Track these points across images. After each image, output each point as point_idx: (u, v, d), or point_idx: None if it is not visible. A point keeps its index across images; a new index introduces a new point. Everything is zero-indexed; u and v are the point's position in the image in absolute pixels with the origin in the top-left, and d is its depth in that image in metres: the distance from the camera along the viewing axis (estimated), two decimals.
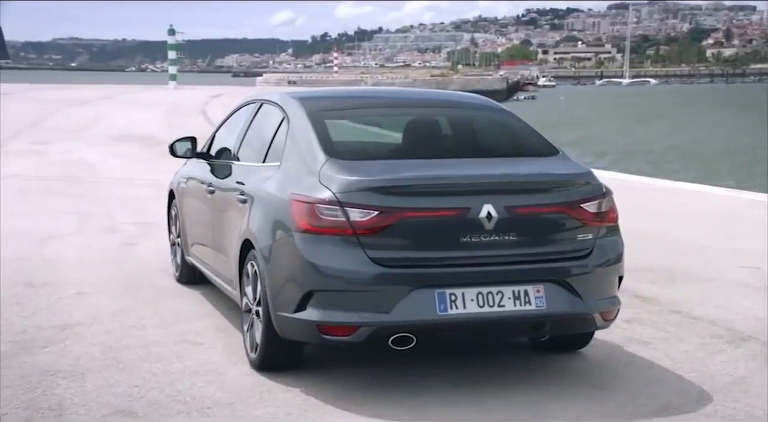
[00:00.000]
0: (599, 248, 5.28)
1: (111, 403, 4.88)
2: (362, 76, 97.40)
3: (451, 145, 5.85)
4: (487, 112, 6.22)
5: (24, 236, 9.58)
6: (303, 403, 4.97)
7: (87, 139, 22.32)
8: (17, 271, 7.93)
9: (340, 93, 6.81)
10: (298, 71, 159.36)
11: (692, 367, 5.64)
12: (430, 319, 4.89)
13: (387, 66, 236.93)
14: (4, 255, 8.59)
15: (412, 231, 4.94)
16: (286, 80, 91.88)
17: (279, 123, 5.90)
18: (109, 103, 39.13)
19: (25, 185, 13.93)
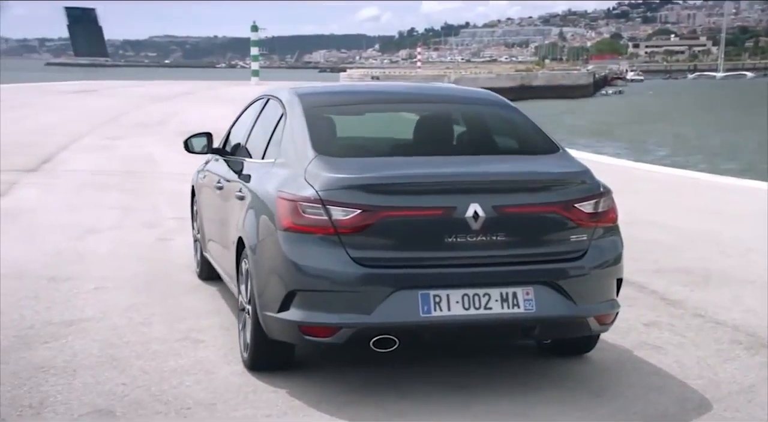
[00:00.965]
0: (595, 249, 5.07)
1: (93, 402, 4.86)
2: (445, 72, 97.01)
3: (447, 142, 5.70)
4: (490, 108, 6.05)
5: (65, 231, 9.70)
6: (285, 405, 4.88)
7: (159, 134, 22.63)
8: (47, 265, 8.02)
9: (344, 89, 6.70)
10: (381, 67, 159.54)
11: (700, 374, 5.40)
12: (413, 321, 4.75)
13: (473, 61, 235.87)
14: (40, 249, 8.71)
15: (395, 231, 4.80)
16: (369, 75, 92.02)
17: (279, 119, 5.83)
18: (190, 100, 39.71)
19: (85, 179, 14.16)
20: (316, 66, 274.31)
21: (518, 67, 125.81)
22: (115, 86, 52.58)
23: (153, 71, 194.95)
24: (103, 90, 46.78)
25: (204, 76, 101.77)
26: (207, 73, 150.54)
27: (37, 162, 16.17)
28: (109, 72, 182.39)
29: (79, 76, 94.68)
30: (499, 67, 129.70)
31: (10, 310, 6.58)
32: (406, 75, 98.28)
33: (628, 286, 7.42)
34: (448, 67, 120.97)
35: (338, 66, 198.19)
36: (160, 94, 42.81)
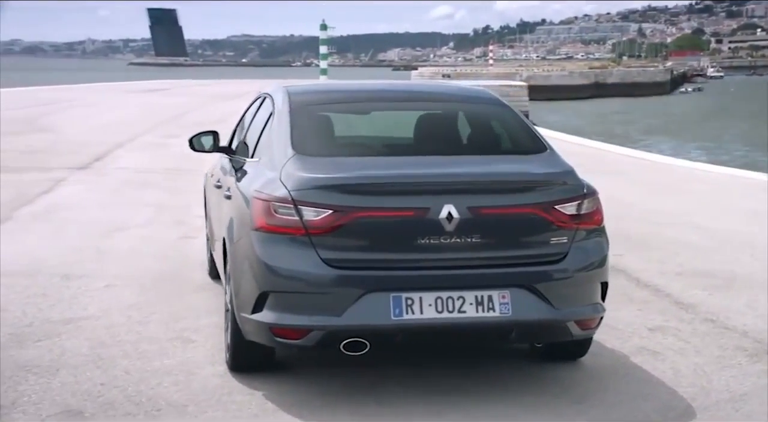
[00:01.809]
0: (576, 252, 4.90)
1: (65, 402, 4.84)
2: (517, 69, 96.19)
3: (430, 141, 5.58)
4: (481, 106, 5.92)
5: (94, 228, 9.78)
6: (257, 408, 4.82)
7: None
8: (65, 263, 8.08)
9: (339, 87, 6.61)
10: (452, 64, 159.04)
11: (693, 382, 5.21)
12: (384, 324, 4.65)
13: (548, 59, 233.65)
14: (64, 246, 8.79)
15: (367, 232, 4.70)
16: (440, 73, 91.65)
17: (268, 117, 5.78)
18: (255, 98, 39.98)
19: (130, 177, 14.31)
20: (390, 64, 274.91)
21: (592, 64, 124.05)
22: (187, 85, 53.33)
23: (229, 70, 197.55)
24: (174, 89, 47.49)
25: (278, 74, 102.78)
26: (281, 72, 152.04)
27: (89, 160, 16.40)
28: (187, 71, 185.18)
29: (158, 75, 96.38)
30: (572, 65, 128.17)
31: (14, 307, 6.63)
32: (478, 72, 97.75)
33: (644, 289, 7.25)
34: (521, 64, 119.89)
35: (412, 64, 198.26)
36: (227, 93, 43.22)
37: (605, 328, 6.15)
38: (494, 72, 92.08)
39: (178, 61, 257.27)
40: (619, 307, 6.72)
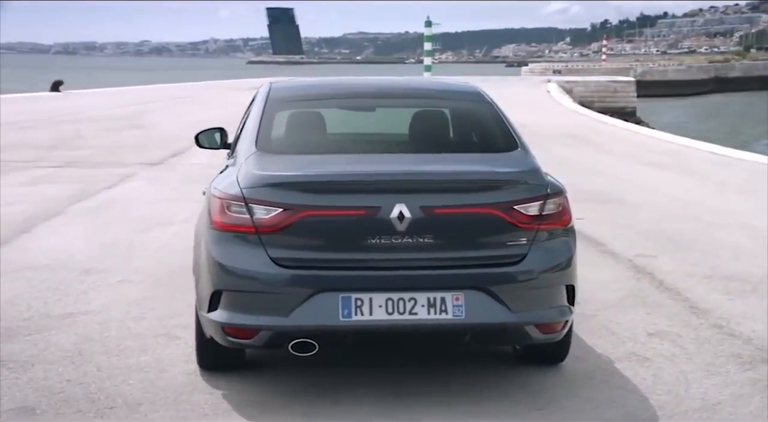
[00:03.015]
0: (536, 253, 4.69)
1: (24, 398, 4.86)
2: (632, 64, 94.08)
3: (397, 139, 5.46)
4: (462, 103, 5.79)
5: (137, 223, 9.90)
6: (211, 407, 4.77)
7: None
8: (92, 257, 8.19)
9: (322, 83, 6.48)
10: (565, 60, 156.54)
11: (669, 389, 4.98)
12: (332, 325, 4.54)
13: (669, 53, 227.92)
14: (99, 240, 8.92)
15: (316, 231, 4.59)
16: (551, 69, 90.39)
17: (251, 113, 5.74)
18: None
19: (196, 172, 14.44)
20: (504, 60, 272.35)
21: (713, 58, 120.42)
22: None
23: (343, 67, 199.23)
24: None
25: (388, 71, 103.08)
26: (393, 69, 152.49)
27: (166, 156, 16.70)
28: (302, 69, 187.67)
29: (274, 73, 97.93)
30: (692, 59, 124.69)
31: (22, 301, 6.73)
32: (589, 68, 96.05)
33: (664, 292, 6.96)
34: (637, 59, 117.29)
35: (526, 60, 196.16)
36: None
37: (603, 332, 5.96)
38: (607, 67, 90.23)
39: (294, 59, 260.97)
40: (627, 311, 6.46)
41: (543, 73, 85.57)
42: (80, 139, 19.61)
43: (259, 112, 5.43)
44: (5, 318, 6.30)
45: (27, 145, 18.05)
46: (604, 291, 6.99)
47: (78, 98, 36.61)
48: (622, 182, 13.42)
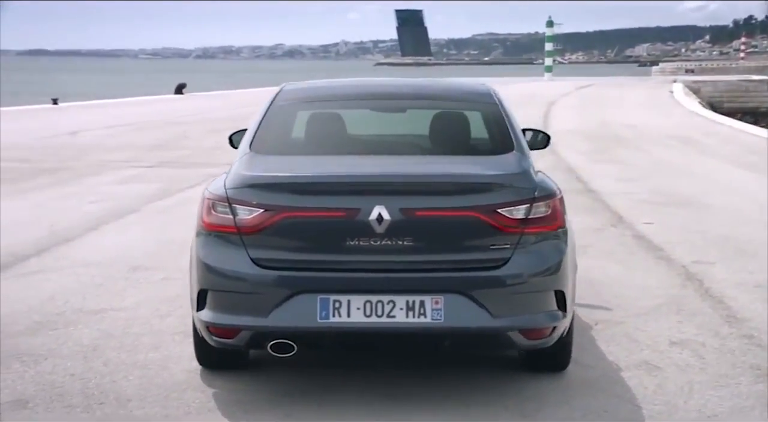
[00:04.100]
0: (521, 258, 4.55)
1: (22, 391, 4.96)
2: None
3: (396, 140, 5.42)
4: (466, 104, 5.74)
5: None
6: (196, 406, 4.79)
7: None
8: (145, 254, 8.34)
9: (329, 85, 6.40)
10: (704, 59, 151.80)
11: (668, 400, 4.81)
12: (309, 326, 4.50)
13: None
14: (159, 238, 9.10)
15: (296, 232, 4.57)
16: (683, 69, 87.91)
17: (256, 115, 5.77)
18: None
19: None
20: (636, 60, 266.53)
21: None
22: None
23: (470, 69, 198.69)
24: None
25: (517, 72, 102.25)
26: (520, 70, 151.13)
27: None
28: (429, 70, 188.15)
29: (400, 74, 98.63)
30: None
31: (61, 296, 6.91)
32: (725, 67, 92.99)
33: (706, 300, 6.69)
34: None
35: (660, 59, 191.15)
36: None
37: (623, 339, 5.77)
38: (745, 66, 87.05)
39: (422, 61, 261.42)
40: (658, 318, 6.23)
41: (674, 72, 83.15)
42: (185, 140, 20.14)
43: (261, 113, 5.49)
44: (40, 313, 6.48)
45: (133, 145, 18.66)
46: (644, 298, 6.74)
47: (198, 100, 37.69)
48: (709, 185, 12.96)
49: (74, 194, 12.18)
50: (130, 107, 32.80)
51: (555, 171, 14.62)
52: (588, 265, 7.83)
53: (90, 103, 35.18)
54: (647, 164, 15.89)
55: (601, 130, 22.80)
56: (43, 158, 16.31)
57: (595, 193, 12.24)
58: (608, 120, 25.86)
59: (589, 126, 23.89)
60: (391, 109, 5.87)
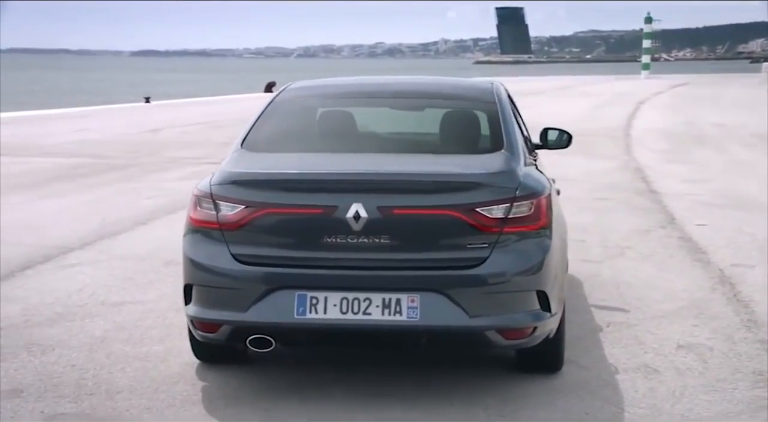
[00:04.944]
0: (499, 257, 4.49)
1: (20, 381, 5.08)
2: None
3: (389, 138, 5.43)
4: (464, 103, 5.72)
5: None
6: (182, 398, 4.86)
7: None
8: None
9: (333, 83, 6.38)
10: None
11: (654, 404, 4.70)
12: (286, 322, 4.53)
13: None
14: None
15: (276, 228, 4.61)
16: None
17: None
18: (556, 95, 39.68)
19: None
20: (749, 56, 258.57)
21: None
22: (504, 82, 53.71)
23: (570, 67, 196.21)
24: None
25: (617, 70, 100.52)
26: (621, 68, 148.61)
27: None
28: (527, 68, 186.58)
29: (498, 73, 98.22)
30: None
31: (90, 288, 7.06)
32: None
33: (730, 304, 6.54)
34: None
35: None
36: (532, 90, 43.17)
37: (629, 342, 5.69)
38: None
39: (522, 59, 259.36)
40: (674, 321, 6.07)
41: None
42: None
43: (259, 112, 5.56)
44: (64, 304, 6.64)
45: (207, 142, 18.97)
46: (666, 301, 6.58)
47: None
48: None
49: (136, 189, 12.46)
50: (216, 105, 33.41)
51: (622, 171, 14.40)
52: (621, 266, 7.69)
53: (180, 102, 36.01)
54: (722, 164, 15.46)
55: (685, 129, 22.28)
56: (119, 154, 16.71)
57: (656, 194, 11.96)
58: (696, 119, 25.26)
59: (674, 125, 23.38)
60: (388, 107, 5.88)
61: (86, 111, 30.55)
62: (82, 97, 49.00)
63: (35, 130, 21.96)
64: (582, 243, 8.63)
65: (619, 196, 11.77)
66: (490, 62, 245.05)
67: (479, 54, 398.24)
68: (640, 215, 10.21)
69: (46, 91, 60.89)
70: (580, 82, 51.79)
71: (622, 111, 29.10)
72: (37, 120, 25.38)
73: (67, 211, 10.63)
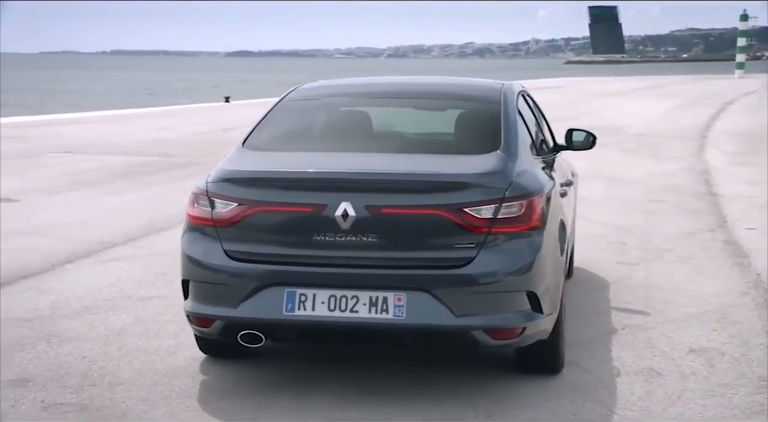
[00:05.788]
0: (487, 257, 4.48)
1: (31, 370, 5.21)
2: None
3: (389, 138, 5.48)
4: (468, 104, 5.70)
5: None
6: (178, 392, 4.94)
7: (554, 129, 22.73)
8: None
9: (342, 84, 6.39)
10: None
11: (646, 406, 4.68)
12: (275, 318, 4.59)
13: None
14: None
15: (267, 226, 4.69)
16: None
17: None
18: (638, 95, 39.05)
19: None
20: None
21: None
22: (586, 82, 53.19)
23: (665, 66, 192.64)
24: (566, 87, 47.63)
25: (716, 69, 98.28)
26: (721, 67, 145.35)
27: None
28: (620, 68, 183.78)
29: (589, 72, 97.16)
30: None
31: (121, 283, 7.20)
32: None
33: (759, 309, 6.34)
34: None
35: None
36: (619, 90, 42.65)
37: (640, 345, 5.64)
38: None
39: (615, 59, 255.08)
40: (692, 325, 5.97)
41: None
42: None
43: (265, 112, 5.62)
44: (92, 298, 6.79)
45: None
46: (692, 304, 6.45)
47: None
48: None
49: (192, 187, 12.65)
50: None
51: (686, 173, 14.11)
52: (656, 269, 7.55)
53: (257, 101, 36.36)
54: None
55: (765, 133, 21.67)
56: (186, 152, 17.00)
57: (714, 196, 11.70)
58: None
59: (755, 128, 22.79)
60: (392, 107, 5.89)
61: (168, 110, 31.22)
62: (170, 97, 50.02)
63: (117, 128, 22.54)
64: (622, 245, 8.50)
65: (675, 198, 11.53)
66: (582, 62, 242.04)
67: (570, 54, 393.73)
68: (691, 218, 9.99)
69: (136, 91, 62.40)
70: (670, 82, 50.90)
71: (705, 112, 28.51)
72: (124, 119, 26.07)
73: (122, 208, 10.87)
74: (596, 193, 11.93)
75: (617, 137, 20.07)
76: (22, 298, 6.78)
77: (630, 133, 21.41)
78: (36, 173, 13.79)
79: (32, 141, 18.54)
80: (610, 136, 20.24)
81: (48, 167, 14.58)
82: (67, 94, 55.81)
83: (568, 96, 37.29)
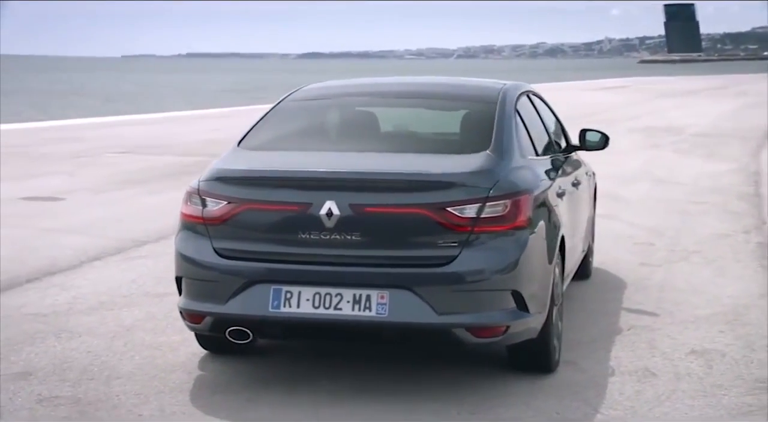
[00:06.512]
0: (470, 255, 4.51)
1: (35, 364, 5.32)
2: None
3: (384, 138, 5.50)
4: (464, 104, 5.69)
5: None
6: (171, 386, 5.01)
7: (613, 129, 22.47)
8: None
9: (343, 84, 6.40)
10: None
11: (632, 406, 4.65)
12: (261, 315, 4.67)
13: None
14: None
15: (255, 224, 4.77)
16: None
17: None
18: (710, 94, 38.41)
19: None
20: None
21: None
22: (652, 82, 52.45)
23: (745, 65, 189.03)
24: (632, 86, 47.10)
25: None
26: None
27: None
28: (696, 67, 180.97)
29: (664, 72, 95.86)
30: None
31: (144, 280, 7.32)
32: None
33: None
34: None
35: None
36: (689, 89, 42.09)
37: (641, 345, 5.60)
38: None
39: (691, 57, 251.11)
40: (700, 327, 5.90)
41: None
42: None
43: (265, 112, 5.69)
44: (110, 294, 6.92)
45: None
46: (705, 306, 6.37)
47: None
48: None
49: None
50: None
51: (736, 174, 13.86)
52: (677, 271, 7.46)
53: None
54: None
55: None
56: (220, 154, 17.19)
57: (759, 198, 11.52)
58: None
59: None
60: (388, 107, 5.91)
61: (228, 111, 31.56)
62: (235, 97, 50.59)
63: (174, 129, 22.92)
64: (650, 246, 8.39)
65: (718, 199, 11.33)
66: (656, 61, 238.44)
67: (645, 53, 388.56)
68: (729, 219, 9.82)
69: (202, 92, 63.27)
70: (744, 81, 49.95)
71: (758, 113, 27.87)
72: (184, 120, 26.50)
73: (161, 206, 11.03)
74: (638, 194, 11.80)
75: (674, 138, 19.81)
76: (44, 294, 6.94)
77: (689, 133, 21.10)
78: (88, 173, 14.10)
79: (92, 142, 18.96)
80: (667, 136, 20.00)
81: (101, 166, 14.90)
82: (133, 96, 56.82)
83: (633, 96, 36.89)
